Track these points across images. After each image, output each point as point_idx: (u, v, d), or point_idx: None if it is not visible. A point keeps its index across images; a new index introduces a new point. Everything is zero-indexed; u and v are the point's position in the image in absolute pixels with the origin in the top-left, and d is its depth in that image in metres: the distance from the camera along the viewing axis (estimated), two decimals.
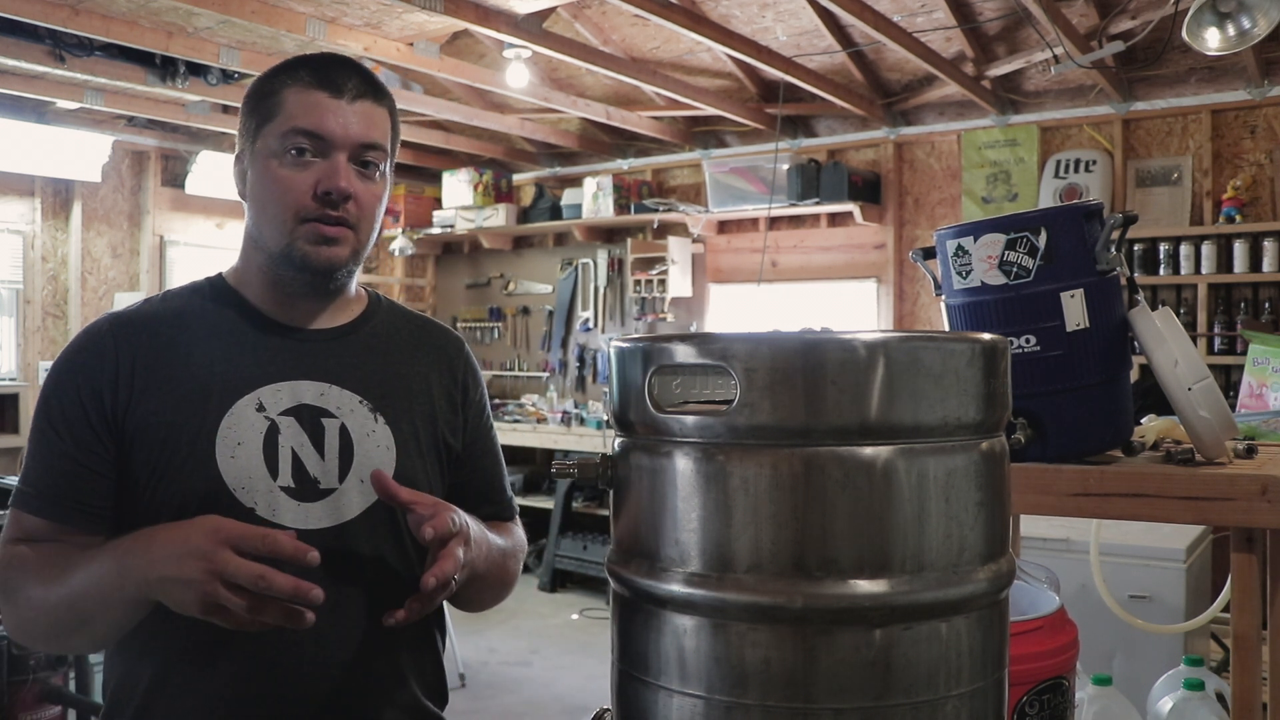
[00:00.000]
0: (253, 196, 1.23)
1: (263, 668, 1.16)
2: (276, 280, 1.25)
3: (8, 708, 3.53)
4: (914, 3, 4.84)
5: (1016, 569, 0.91)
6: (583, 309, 7.11)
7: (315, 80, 1.20)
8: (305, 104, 1.19)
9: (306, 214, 1.19)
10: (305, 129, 1.18)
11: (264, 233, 1.22)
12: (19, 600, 1.14)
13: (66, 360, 1.21)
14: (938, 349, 0.78)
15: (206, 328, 1.23)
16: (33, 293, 6.09)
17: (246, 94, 1.26)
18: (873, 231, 6.05)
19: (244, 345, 1.23)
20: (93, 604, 1.09)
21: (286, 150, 1.19)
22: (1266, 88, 4.93)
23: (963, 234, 1.40)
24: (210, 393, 1.19)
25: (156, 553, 1.03)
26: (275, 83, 1.22)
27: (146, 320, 1.23)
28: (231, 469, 1.16)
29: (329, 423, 1.22)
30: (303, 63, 1.23)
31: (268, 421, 1.19)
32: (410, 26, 4.57)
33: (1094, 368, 1.36)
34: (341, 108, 1.20)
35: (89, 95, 5.37)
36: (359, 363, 1.28)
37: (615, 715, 0.89)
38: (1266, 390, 1.98)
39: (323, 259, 1.21)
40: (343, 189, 1.19)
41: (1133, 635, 2.40)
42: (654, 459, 0.82)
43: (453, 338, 1.43)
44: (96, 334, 1.22)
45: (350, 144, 1.20)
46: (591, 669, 4.93)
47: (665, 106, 6.04)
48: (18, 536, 1.17)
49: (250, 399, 1.20)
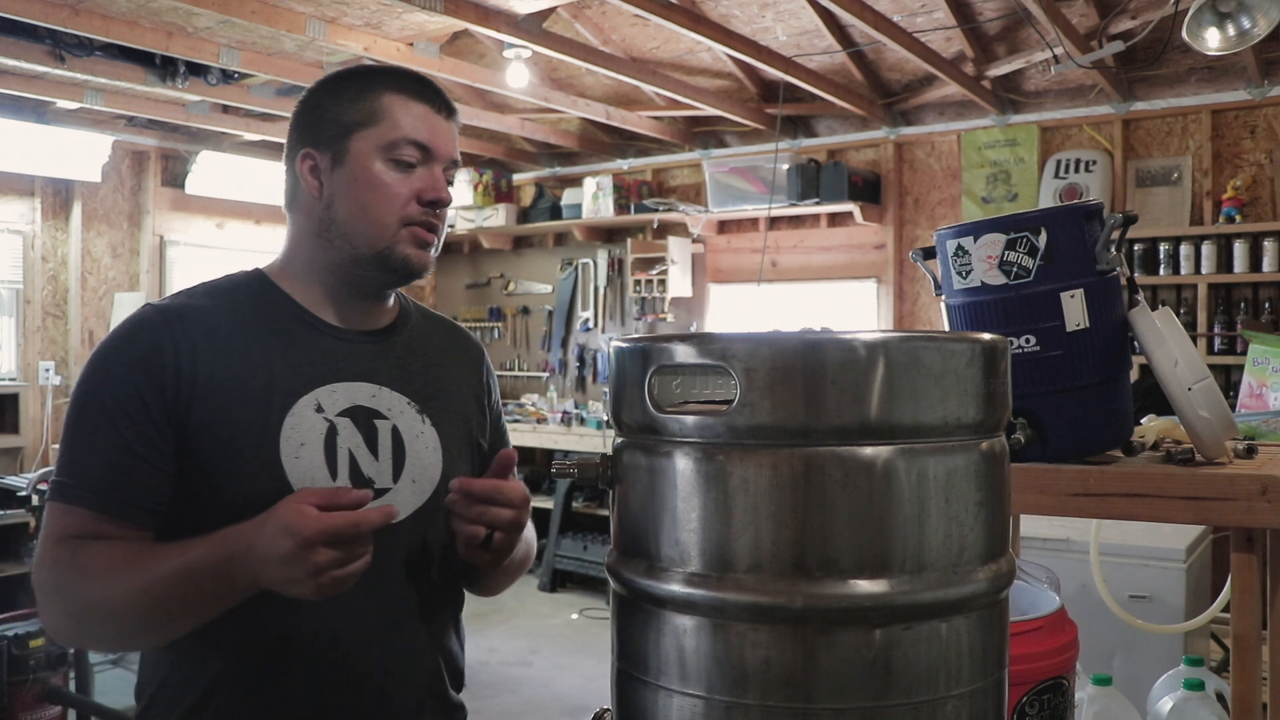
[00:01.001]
0: (347, 195, 1.23)
1: (315, 663, 1.18)
2: (349, 280, 1.27)
3: (8, 708, 3.53)
4: (914, 3, 4.84)
5: (1016, 569, 0.91)
6: (583, 309, 7.11)
7: (417, 93, 1.25)
8: (413, 115, 1.24)
9: (410, 219, 1.23)
10: (416, 140, 1.23)
11: (356, 233, 1.23)
12: (79, 603, 1.11)
13: (119, 349, 1.18)
14: (938, 349, 0.78)
15: (261, 326, 1.23)
16: (33, 293, 6.09)
17: (314, 98, 1.27)
18: (873, 231, 6.05)
19: (299, 345, 1.24)
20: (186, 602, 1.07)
21: (390, 157, 1.22)
22: (1266, 88, 4.93)
23: (963, 234, 1.40)
24: (272, 393, 1.19)
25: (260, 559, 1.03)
26: (372, 87, 1.24)
27: (199, 314, 1.21)
28: (296, 469, 1.17)
29: (381, 424, 1.25)
30: (399, 73, 1.27)
31: (327, 423, 1.20)
32: (410, 26, 4.58)
33: (1094, 368, 1.36)
34: (442, 123, 1.26)
35: (89, 95, 5.37)
36: (403, 365, 1.31)
37: (615, 715, 0.89)
38: (1266, 390, 1.98)
39: (420, 262, 1.25)
40: (447, 199, 1.26)
41: (1133, 635, 2.40)
42: (654, 459, 0.82)
43: (475, 341, 1.48)
44: (149, 325, 1.18)
45: (447, 158, 1.27)
46: (591, 669, 4.93)
47: (665, 106, 6.04)
48: (64, 533, 1.13)
49: (309, 399, 1.20)
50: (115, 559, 1.10)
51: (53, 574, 1.12)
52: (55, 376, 6.10)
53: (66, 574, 1.11)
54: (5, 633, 3.58)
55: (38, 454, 5.93)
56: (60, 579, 1.11)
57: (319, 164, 1.25)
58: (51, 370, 6.09)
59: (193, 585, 1.06)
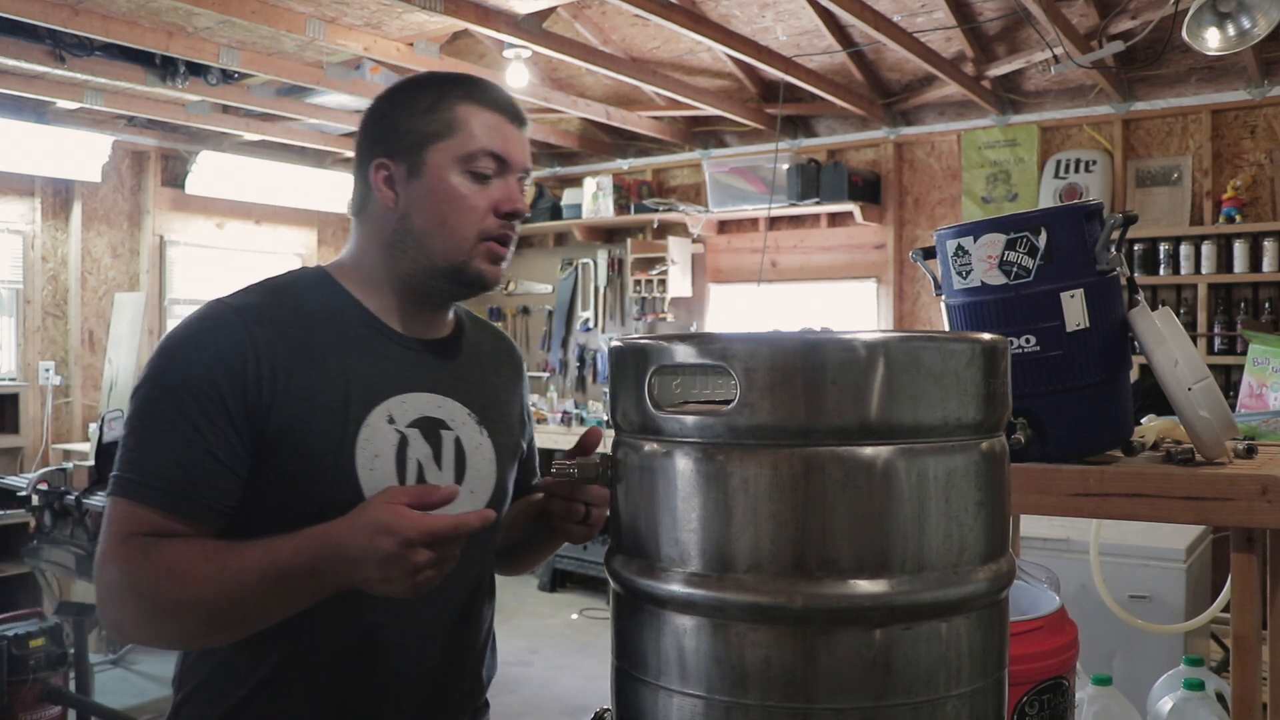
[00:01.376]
0: (424, 207, 1.22)
1: (369, 663, 1.21)
2: (419, 290, 1.26)
3: (8, 708, 3.53)
4: (914, 3, 4.84)
5: (1016, 569, 0.91)
6: (583, 309, 7.11)
7: (492, 102, 1.24)
8: (489, 126, 1.23)
9: (488, 232, 1.23)
10: (493, 152, 1.23)
11: (432, 246, 1.23)
12: (150, 602, 1.09)
13: (195, 345, 1.15)
14: (938, 349, 0.78)
15: (335, 333, 1.22)
16: (33, 293, 6.09)
17: (386, 108, 1.26)
18: (873, 231, 6.05)
19: (372, 355, 1.23)
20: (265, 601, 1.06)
21: (468, 169, 1.22)
22: (1266, 88, 4.93)
23: (963, 234, 1.40)
24: (348, 403, 1.18)
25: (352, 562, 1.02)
26: (446, 97, 1.23)
27: (274, 315, 1.19)
28: (370, 480, 1.17)
29: (446, 435, 1.26)
30: (475, 83, 1.26)
31: (398, 434, 1.21)
32: (410, 26, 4.58)
33: (1094, 368, 1.36)
34: (516, 132, 1.26)
35: (89, 95, 5.37)
36: (464, 375, 1.32)
37: (615, 715, 0.89)
38: (1266, 390, 1.98)
39: (494, 277, 1.26)
40: (523, 210, 1.26)
41: (1133, 635, 2.40)
42: (654, 459, 0.82)
43: (514, 346, 1.50)
44: (225, 323, 1.16)
45: (521, 168, 1.27)
46: (591, 669, 4.93)
47: (665, 106, 6.04)
48: (132, 531, 1.10)
49: (382, 410, 1.20)
50: (195, 558, 1.08)
51: (122, 573, 1.09)
52: (55, 376, 6.09)
53: (139, 573, 1.08)
54: (5, 633, 3.58)
55: (38, 454, 5.93)
56: (131, 578, 1.08)
57: (394, 175, 1.23)
58: (51, 370, 6.09)
59: (278, 585, 1.05)
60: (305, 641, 1.17)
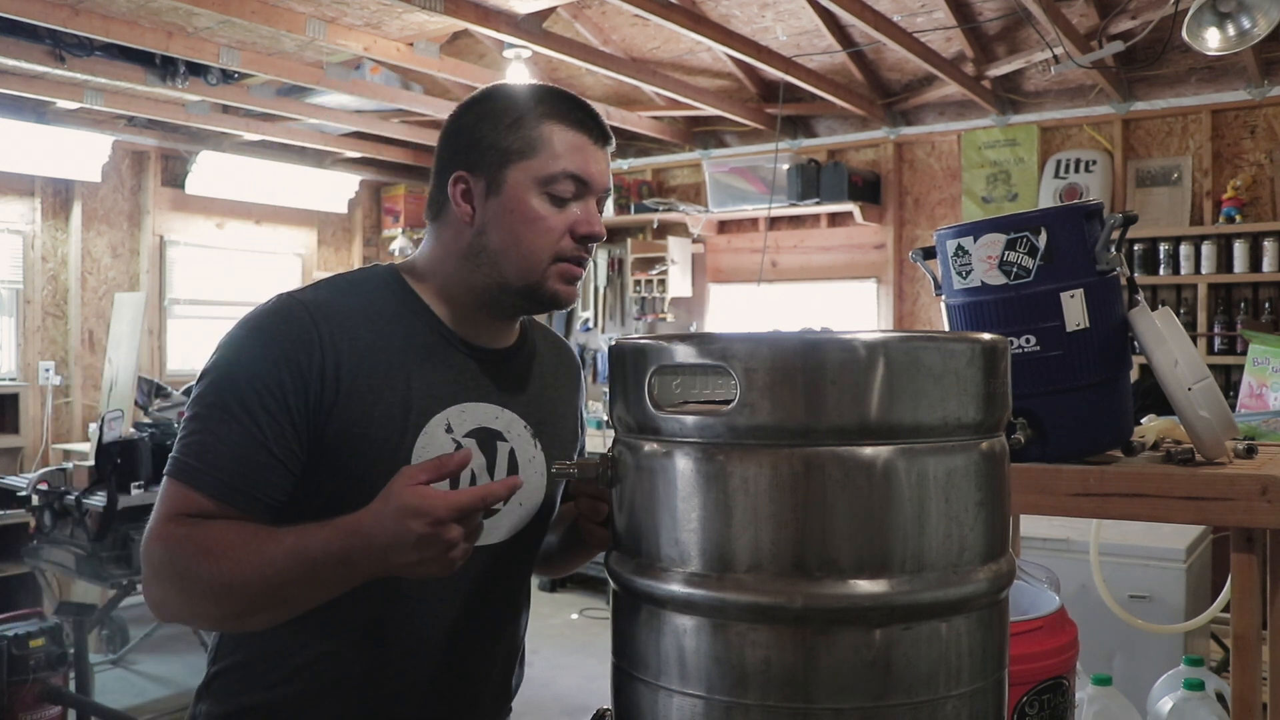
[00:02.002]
0: (502, 224, 1.21)
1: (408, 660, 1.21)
2: (491, 303, 1.25)
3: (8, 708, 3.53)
4: (914, 3, 4.84)
5: (1016, 569, 0.91)
6: (583, 309, 7.11)
7: (577, 122, 1.23)
8: (574, 147, 1.21)
9: (564, 254, 1.22)
10: (575, 174, 1.21)
11: (507, 264, 1.22)
12: (191, 580, 1.09)
13: (264, 338, 1.15)
14: (938, 349, 0.78)
15: (402, 336, 1.22)
16: (33, 293, 6.09)
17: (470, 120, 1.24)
18: (873, 231, 6.05)
19: (435, 361, 1.23)
20: (301, 586, 1.08)
21: (548, 190, 1.21)
22: (1266, 88, 4.93)
23: (963, 234, 1.40)
24: (409, 409, 1.18)
25: (384, 549, 1.04)
26: (531, 114, 1.22)
27: (343, 313, 1.19)
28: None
29: (501, 446, 1.26)
30: (563, 100, 1.24)
31: (455, 444, 1.21)
32: (410, 26, 4.58)
33: (1094, 368, 1.36)
34: (601, 156, 1.24)
35: (89, 95, 5.37)
36: (523, 385, 1.32)
37: (615, 715, 0.89)
38: (1266, 390, 1.98)
39: (568, 298, 1.25)
40: (600, 234, 1.24)
41: (1133, 635, 2.40)
42: (654, 459, 0.82)
43: (575, 357, 1.50)
44: (294, 319, 1.16)
45: (602, 189, 1.25)
46: (591, 669, 4.93)
47: (665, 106, 6.04)
48: (180, 511, 1.12)
49: (440, 419, 1.21)
50: (233, 540, 1.09)
51: (166, 550, 1.10)
52: (55, 376, 6.09)
53: (183, 551, 1.09)
54: (5, 633, 3.58)
55: (38, 454, 5.93)
56: (175, 555, 1.10)
57: (472, 189, 1.23)
58: (51, 370, 6.09)
59: (310, 572, 1.06)
60: (344, 636, 1.19)
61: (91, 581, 3.83)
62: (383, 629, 1.19)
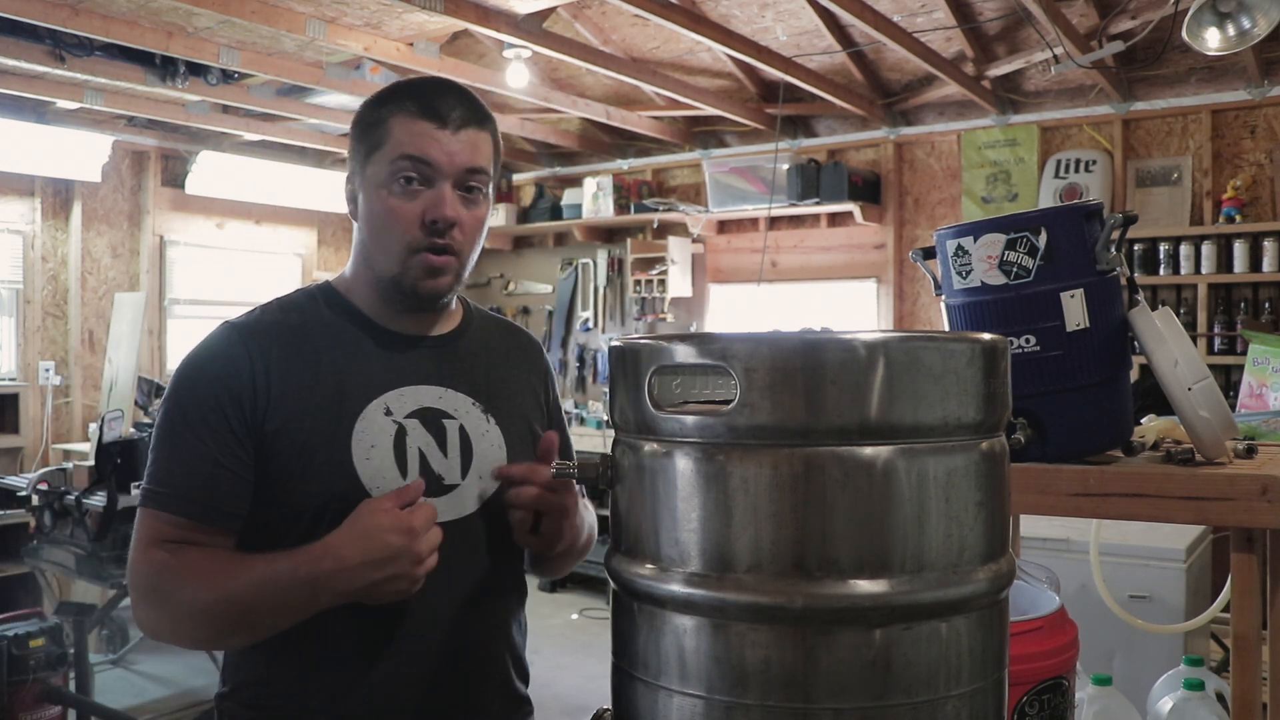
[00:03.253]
0: (365, 221, 1.28)
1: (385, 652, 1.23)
2: (387, 298, 1.31)
3: (8, 708, 3.53)
4: (914, 3, 4.84)
5: (1016, 569, 0.91)
6: (583, 309, 7.11)
7: (420, 110, 1.24)
8: (411, 133, 1.24)
9: (417, 244, 1.25)
10: (411, 155, 1.23)
11: (376, 258, 1.28)
12: (174, 604, 1.19)
13: (200, 367, 1.26)
14: (938, 349, 0.78)
15: (329, 337, 1.29)
16: (33, 293, 6.09)
17: (354, 119, 1.30)
18: (873, 231, 6.05)
19: (366, 354, 1.29)
20: (269, 611, 1.15)
21: (395, 179, 1.24)
22: (1266, 88, 4.93)
23: (963, 234, 1.40)
24: (342, 399, 1.24)
25: (354, 569, 1.11)
26: (382, 111, 1.26)
27: (272, 328, 1.28)
28: (367, 470, 1.23)
29: (449, 424, 1.30)
30: (409, 91, 1.27)
31: (396, 424, 1.26)
32: (410, 26, 4.57)
33: (1094, 368, 1.36)
34: (446, 137, 1.24)
35: (89, 95, 5.37)
36: (468, 367, 1.36)
37: (615, 715, 0.89)
38: (1266, 390, 1.98)
39: (430, 289, 1.27)
40: (449, 218, 1.24)
41: (1133, 635, 2.40)
42: (654, 459, 0.82)
43: (533, 340, 1.52)
44: (227, 341, 1.26)
45: (455, 172, 1.25)
46: (591, 669, 4.93)
47: (665, 106, 6.04)
48: (157, 538, 1.20)
49: (378, 404, 1.26)
50: (207, 566, 1.18)
51: (148, 578, 1.20)
52: (55, 376, 6.09)
53: (162, 578, 1.19)
54: (5, 633, 3.58)
55: (38, 454, 5.93)
56: (156, 582, 1.19)
57: (354, 188, 1.31)
58: (51, 370, 6.09)
59: (277, 596, 1.14)
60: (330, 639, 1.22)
61: (91, 581, 3.83)
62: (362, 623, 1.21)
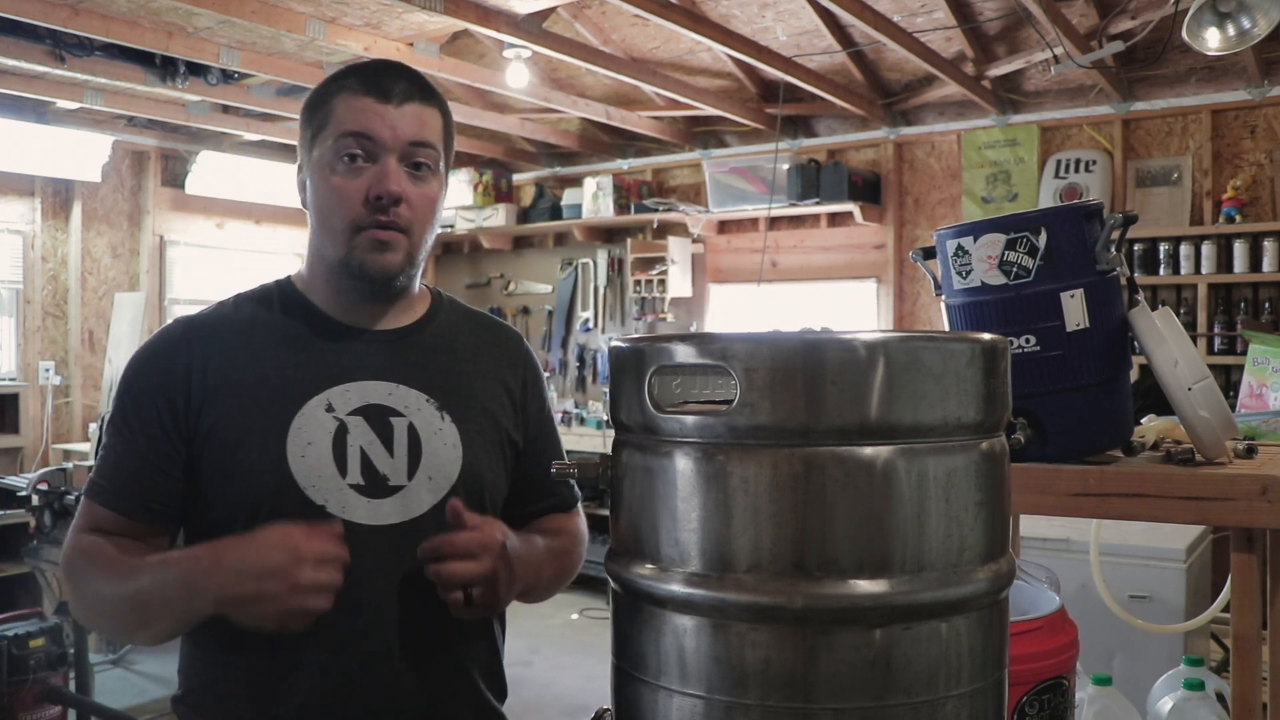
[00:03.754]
0: (313, 207, 1.26)
1: (336, 661, 1.19)
2: (340, 287, 1.28)
3: (8, 708, 3.53)
4: (914, 3, 4.84)
5: (1016, 569, 0.91)
6: (583, 309, 7.11)
7: (362, 87, 1.22)
8: (353, 109, 1.21)
9: (361, 222, 1.21)
10: (353, 131, 1.20)
11: (325, 243, 1.25)
12: (85, 591, 1.21)
13: (141, 362, 1.26)
14: (938, 349, 0.78)
15: (276, 333, 1.27)
16: (33, 293, 6.09)
17: (303, 106, 1.29)
18: (873, 231, 6.05)
19: (312, 349, 1.26)
20: (155, 610, 1.14)
21: (339, 157, 1.21)
22: (1266, 88, 4.93)
23: (963, 234, 1.39)
24: (281, 395, 1.22)
25: (226, 574, 1.07)
26: (326, 92, 1.25)
27: (219, 325, 1.27)
28: (302, 468, 1.19)
29: (397, 421, 1.25)
30: (352, 71, 1.25)
31: (337, 421, 1.22)
32: (410, 26, 4.57)
33: (1094, 368, 1.36)
34: (389, 111, 1.21)
35: (89, 95, 5.37)
36: (425, 362, 1.31)
37: (615, 715, 0.89)
38: (1266, 390, 1.98)
39: (378, 266, 1.23)
40: (393, 192, 1.20)
41: (1133, 635, 2.40)
42: (654, 459, 0.82)
43: (513, 335, 1.46)
44: (170, 338, 1.26)
45: (399, 145, 1.21)
46: (591, 669, 4.92)
47: (665, 106, 6.04)
48: (88, 526, 1.22)
49: (320, 400, 1.23)
50: (112, 560, 1.18)
51: (69, 564, 1.22)
52: (55, 376, 6.09)
53: (80, 566, 1.21)
54: (5, 633, 3.58)
55: (38, 454, 5.93)
56: (75, 569, 1.21)
57: (304, 177, 1.28)
58: (51, 370, 6.09)
59: (162, 594, 1.12)
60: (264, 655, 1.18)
61: None
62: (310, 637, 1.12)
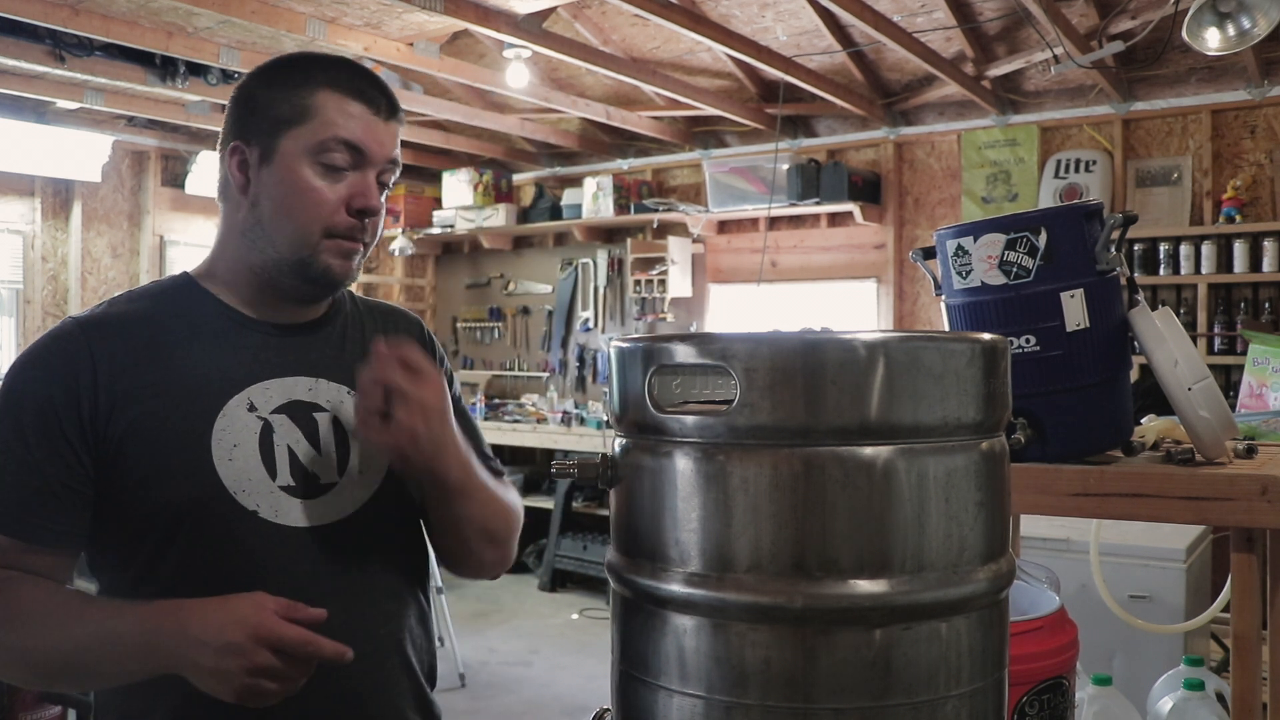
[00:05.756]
0: (272, 198, 1.18)
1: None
2: (271, 283, 1.21)
3: (8, 708, 3.53)
4: (914, 3, 4.84)
5: (1016, 569, 0.91)
6: (583, 309, 7.11)
7: (351, 92, 1.18)
8: (346, 114, 1.17)
9: (335, 229, 1.17)
10: (348, 141, 1.16)
11: (279, 237, 1.18)
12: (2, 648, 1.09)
13: (32, 365, 1.14)
14: (938, 349, 0.78)
15: (185, 328, 1.19)
16: (33, 293, 6.09)
17: (250, 87, 1.21)
18: (873, 231, 6.05)
19: (226, 345, 1.20)
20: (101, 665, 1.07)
21: (320, 160, 1.16)
22: (1266, 88, 4.93)
23: (963, 234, 1.39)
24: (198, 394, 1.15)
25: (191, 641, 1.01)
26: (307, 80, 1.17)
27: (120, 322, 1.17)
28: (230, 472, 1.14)
29: (321, 416, 1.21)
30: (329, 65, 1.19)
31: (261, 421, 1.17)
32: (410, 26, 4.57)
33: (1094, 368, 1.36)
34: (379, 125, 1.19)
35: (89, 95, 5.37)
36: (340, 354, 1.27)
37: (615, 715, 0.89)
38: (1266, 390, 1.98)
39: (339, 273, 1.19)
40: (375, 207, 1.19)
41: (1133, 635, 2.40)
42: (654, 459, 0.82)
43: (414, 319, 1.42)
44: (65, 337, 1.15)
45: (382, 161, 1.20)
46: (591, 669, 4.93)
47: (665, 106, 6.04)
48: None
49: (241, 399, 1.17)
50: (40, 609, 1.08)
51: None
52: None
53: None
54: None
55: None
56: None
57: (247, 159, 1.19)
58: None
59: (111, 651, 1.05)
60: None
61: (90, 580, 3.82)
62: None
